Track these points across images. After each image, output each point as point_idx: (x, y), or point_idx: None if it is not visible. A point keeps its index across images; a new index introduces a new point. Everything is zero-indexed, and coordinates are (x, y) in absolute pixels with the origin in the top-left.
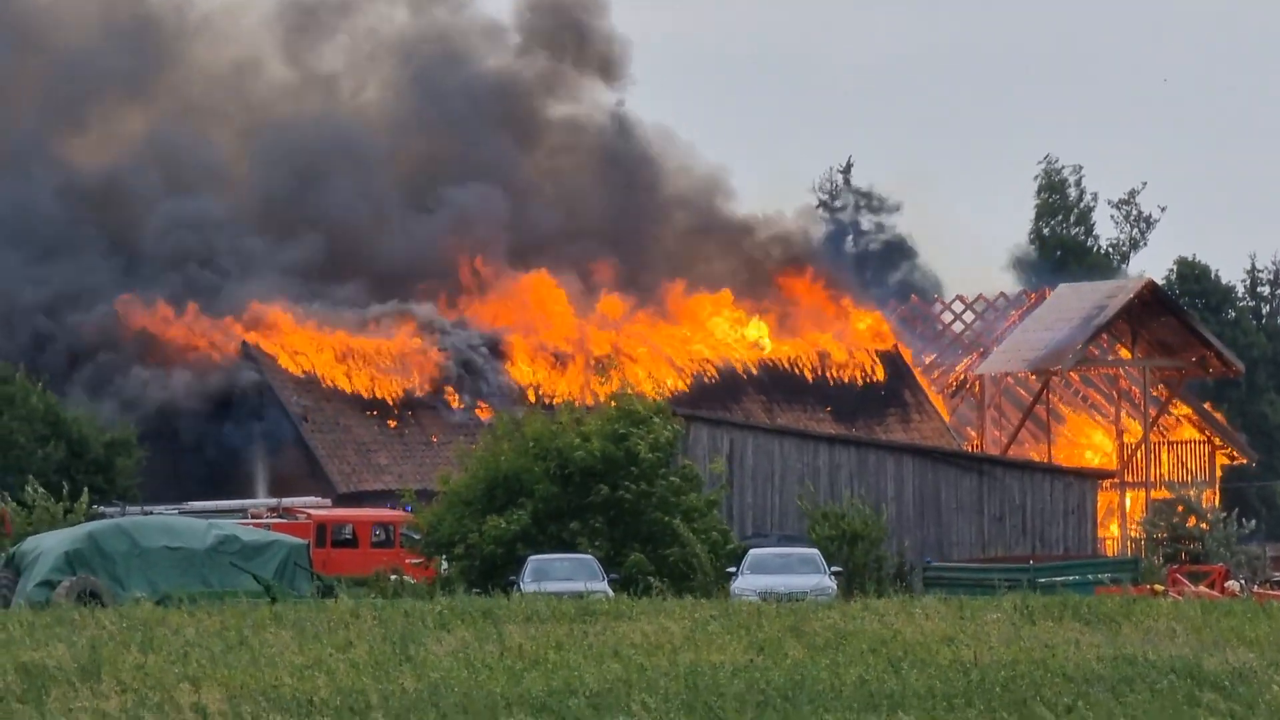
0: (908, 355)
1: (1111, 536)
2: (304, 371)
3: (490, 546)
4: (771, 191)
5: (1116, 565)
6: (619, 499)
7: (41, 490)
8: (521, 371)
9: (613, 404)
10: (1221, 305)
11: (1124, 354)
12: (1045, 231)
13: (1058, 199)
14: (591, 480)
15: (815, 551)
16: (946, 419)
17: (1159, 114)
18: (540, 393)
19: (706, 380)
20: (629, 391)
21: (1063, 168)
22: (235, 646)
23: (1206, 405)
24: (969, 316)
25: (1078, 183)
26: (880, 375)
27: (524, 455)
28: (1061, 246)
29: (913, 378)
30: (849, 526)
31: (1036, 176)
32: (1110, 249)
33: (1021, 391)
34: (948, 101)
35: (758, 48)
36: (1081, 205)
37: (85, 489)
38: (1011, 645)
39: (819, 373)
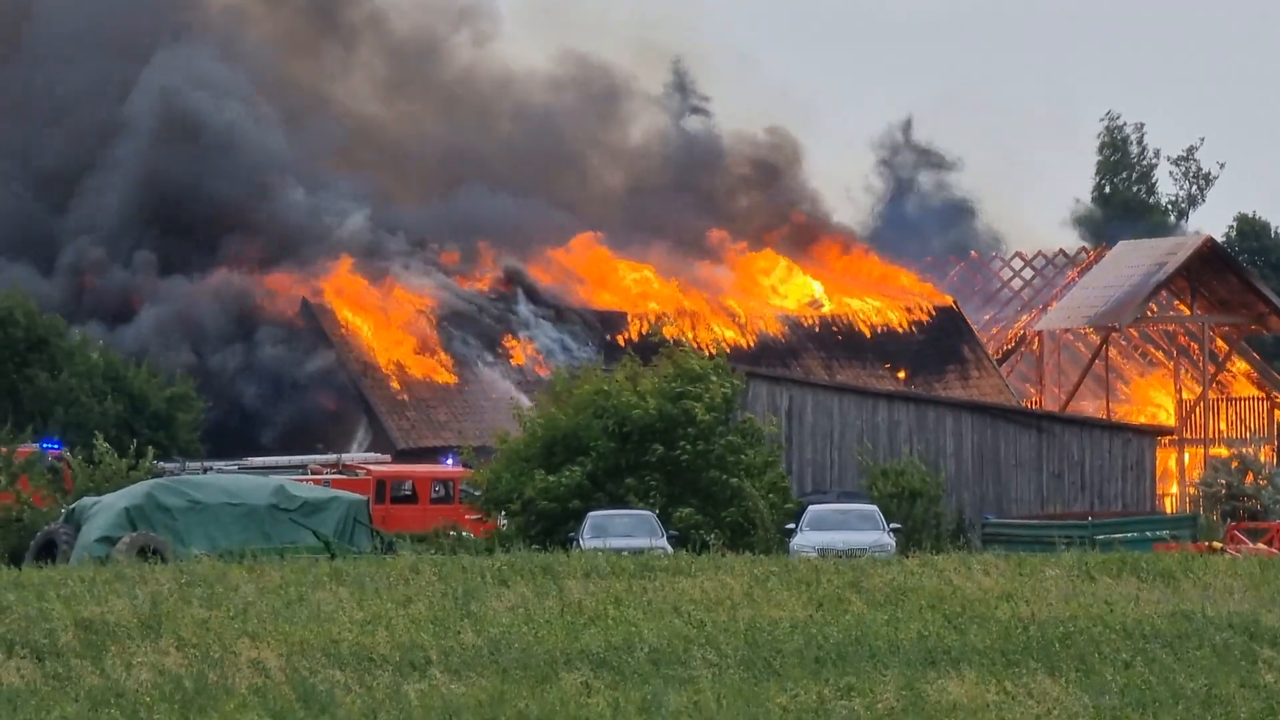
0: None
1: (1170, 493)
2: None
3: (544, 503)
4: (831, 149)
5: (1175, 522)
6: (675, 457)
7: (106, 446)
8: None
9: (668, 362)
10: None
11: (1183, 311)
12: (1107, 189)
13: (1119, 156)
14: (649, 439)
15: (874, 508)
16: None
17: (1216, 70)
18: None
19: (770, 335)
20: (684, 349)
21: (1124, 124)
22: (295, 602)
23: (1265, 362)
24: (1028, 273)
25: (1139, 140)
26: (924, 325)
27: (581, 413)
28: (1123, 204)
29: (972, 334)
30: (908, 484)
31: (1099, 134)
32: (1169, 206)
33: (1080, 348)
34: (1008, 57)
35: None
36: (1143, 163)
37: (149, 447)
38: (1070, 601)
39: (877, 328)
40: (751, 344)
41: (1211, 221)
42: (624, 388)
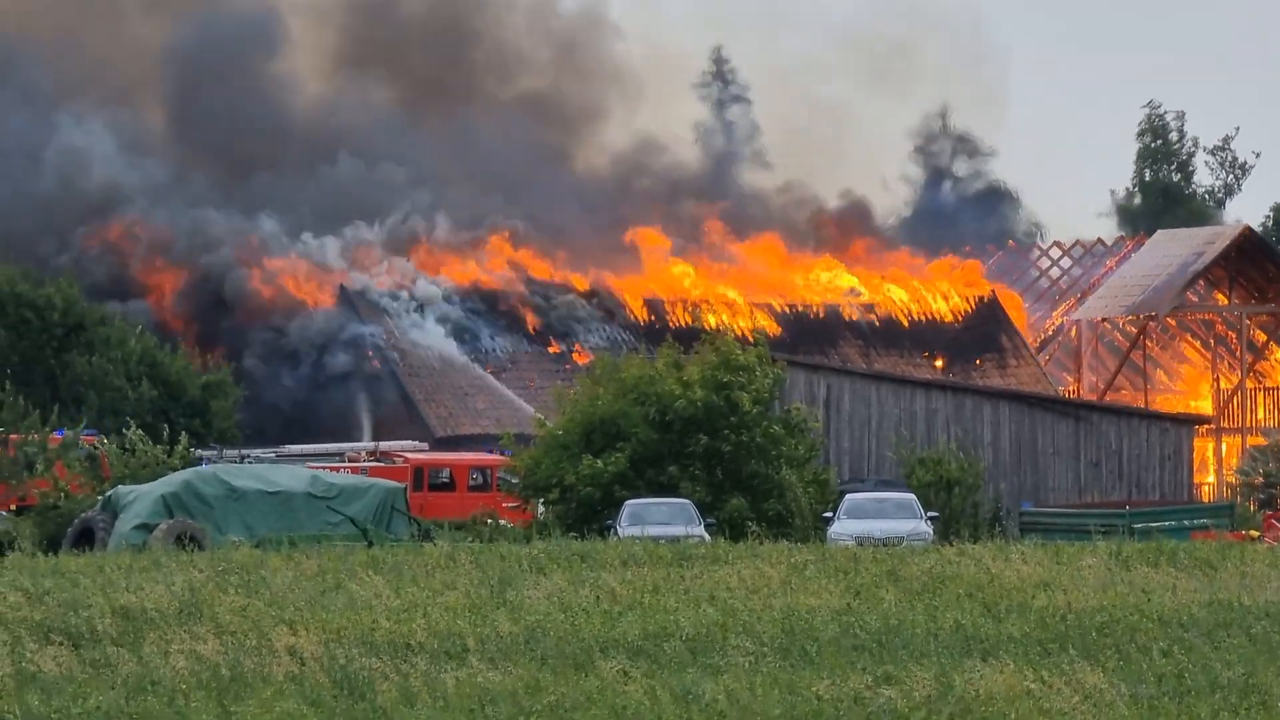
0: (1007, 300)
1: (1207, 482)
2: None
3: (586, 489)
4: (867, 136)
5: (1212, 511)
6: (717, 448)
7: (140, 433)
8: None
9: (713, 350)
10: None
11: (1221, 300)
12: (1147, 177)
13: (1160, 145)
14: (691, 428)
15: (911, 496)
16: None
17: (1251, 60)
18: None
19: (809, 317)
20: (727, 337)
21: (1165, 113)
22: (332, 590)
23: None
24: (1066, 262)
25: (1180, 128)
26: (961, 314)
27: (621, 399)
28: (1162, 193)
29: (1010, 323)
30: (946, 473)
31: (1140, 122)
32: (1206, 195)
33: (1118, 337)
34: (1047, 44)
35: None
36: (1183, 152)
37: (184, 434)
38: (1107, 590)
39: (915, 316)
40: (787, 332)
41: (1248, 211)
42: (665, 375)
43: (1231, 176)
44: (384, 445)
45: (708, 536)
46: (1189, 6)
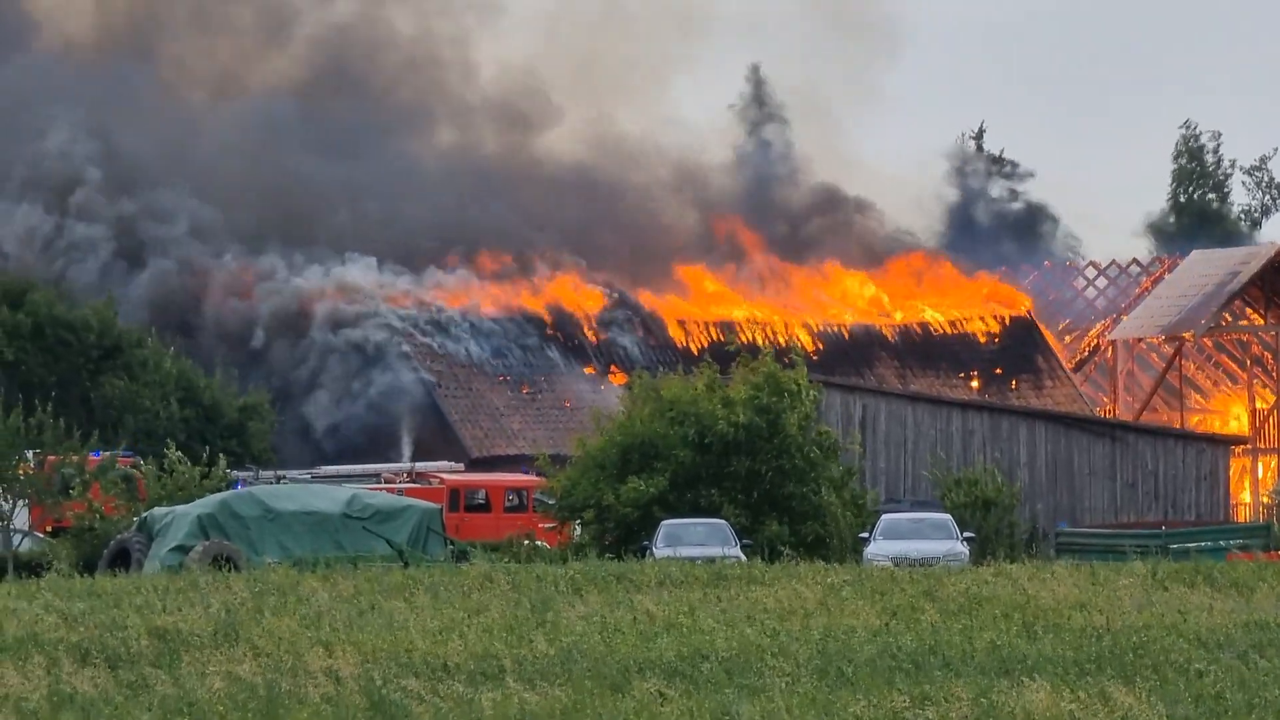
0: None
1: (1243, 503)
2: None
3: (626, 509)
4: (902, 156)
5: (1249, 531)
6: (757, 470)
7: (179, 454)
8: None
9: (749, 370)
10: None
11: (1256, 320)
12: (1182, 198)
13: (1196, 165)
14: (730, 450)
15: (948, 517)
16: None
17: None
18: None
19: (844, 337)
20: (768, 358)
21: (1201, 133)
22: (368, 611)
23: None
24: (1102, 282)
25: (1215, 149)
26: (997, 335)
27: (660, 419)
28: (1198, 213)
29: (1045, 344)
30: (982, 493)
31: (1176, 143)
32: (1242, 215)
33: (1154, 358)
34: (1084, 65)
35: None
36: (1219, 172)
37: (220, 456)
38: (1144, 611)
39: (950, 336)
40: (823, 350)
41: None
42: (703, 395)
43: (1268, 197)
44: (420, 466)
45: (744, 557)
46: (1227, 27)
